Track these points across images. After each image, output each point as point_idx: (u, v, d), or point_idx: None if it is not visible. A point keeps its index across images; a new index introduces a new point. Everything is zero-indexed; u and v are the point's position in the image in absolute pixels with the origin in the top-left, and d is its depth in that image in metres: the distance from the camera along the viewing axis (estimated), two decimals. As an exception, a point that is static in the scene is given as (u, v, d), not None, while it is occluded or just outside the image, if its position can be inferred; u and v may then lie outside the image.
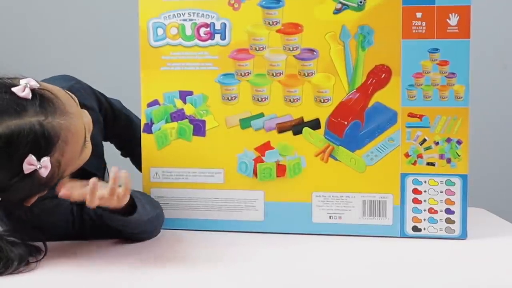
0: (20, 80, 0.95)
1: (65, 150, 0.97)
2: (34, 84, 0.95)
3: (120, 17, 1.72)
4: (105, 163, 1.25)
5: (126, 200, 1.03)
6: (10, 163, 0.92)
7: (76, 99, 1.03)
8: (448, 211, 1.14)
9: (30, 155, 0.93)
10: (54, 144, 0.94)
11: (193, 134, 1.19)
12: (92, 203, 0.98)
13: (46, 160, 0.94)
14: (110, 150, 1.32)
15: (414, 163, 1.14)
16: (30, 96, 0.94)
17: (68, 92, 1.02)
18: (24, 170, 0.93)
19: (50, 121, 0.94)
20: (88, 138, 1.04)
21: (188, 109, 1.19)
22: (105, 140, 1.29)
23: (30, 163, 0.93)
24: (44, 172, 0.94)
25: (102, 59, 1.36)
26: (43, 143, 0.93)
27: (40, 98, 0.94)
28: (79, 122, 1.00)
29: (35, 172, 0.94)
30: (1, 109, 0.92)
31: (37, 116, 0.93)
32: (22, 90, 0.94)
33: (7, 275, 0.93)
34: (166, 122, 1.19)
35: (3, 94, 0.93)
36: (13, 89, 0.93)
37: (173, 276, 0.95)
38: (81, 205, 1.11)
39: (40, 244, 1.02)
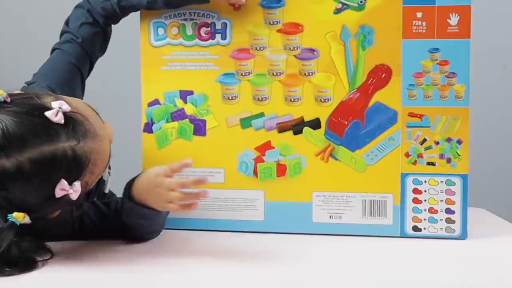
0: (52, 103, 0.94)
1: (94, 171, 0.98)
2: (66, 107, 0.95)
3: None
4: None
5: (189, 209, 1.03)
6: (42, 188, 0.93)
7: (97, 111, 1.04)
8: (448, 211, 1.14)
9: (62, 180, 0.93)
10: (84, 169, 0.95)
11: (194, 134, 1.19)
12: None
13: (77, 184, 0.95)
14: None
15: (415, 163, 1.14)
16: (62, 121, 0.93)
17: (91, 106, 1.03)
18: (56, 195, 0.93)
19: (82, 146, 0.94)
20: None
21: (189, 109, 1.19)
22: None
23: (62, 188, 0.93)
24: (74, 196, 0.95)
25: (103, 58, 1.36)
26: (74, 168, 0.94)
27: (72, 123, 0.94)
28: (106, 142, 1.01)
29: (65, 195, 0.94)
30: (34, 134, 0.92)
31: (69, 142, 0.93)
32: (55, 115, 0.93)
33: (10, 276, 0.93)
34: (167, 121, 1.19)
35: (36, 118, 0.93)
36: (46, 113, 0.93)
37: (173, 276, 0.95)
38: (81, 206, 1.11)
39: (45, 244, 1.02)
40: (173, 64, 1.19)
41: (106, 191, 1.26)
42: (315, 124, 1.16)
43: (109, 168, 1.29)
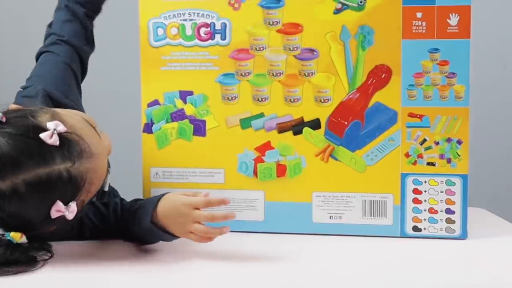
0: (48, 124, 0.94)
1: (90, 190, 0.98)
2: (62, 128, 0.94)
3: (120, 17, 1.72)
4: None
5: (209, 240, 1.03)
6: (38, 209, 0.93)
7: (94, 124, 1.03)
8: (448, 211, 1.14)
9: (58, 201, 0.93)
10: (80, 189, 0.95)
11: (194, 134, 1.19)
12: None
13: (73, 205, 0.94)
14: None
15: (415, 163, 1.14)
16: (57, 143, 0.93)
17: (87, 119, 1.02)
18: (52, 216, 0.93)
19: (77, 167, 0.94)
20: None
21: (189, 109, 1.19)
22: None
23: (57, 210, 0.93)
24: (70, 216, 0.95)
25: (102, 59, 1.36)
26: (70, 189, 0.94)
27: (67, 144, 0.94)
28: (103, 159, 1.00)
29: (62, 216, 0.94)
30: (29, 157, 0.91)
31: (64, 163, 0.93)
32: (50, 137, 0.92)
33: (10, 275, 0.93)
34: (167, 122, 1.19)
35: (31, 140, 0.92)
36: (41, 135, 0.92)
37: (173, 276, 0.95)
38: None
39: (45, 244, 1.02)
40: (173, 64, 1.19)
41: (106, 189, 1.26)
42: (315, 124, 1.16)
43: (109, 165, 1.29)
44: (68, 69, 1.21)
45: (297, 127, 1.16)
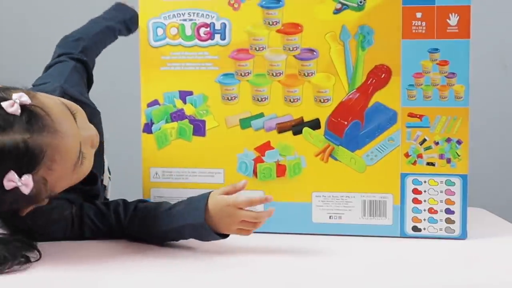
0: (13, 94, 0.93)
1: (52, 168, 0.95)
2: (26, 99, 0.93)
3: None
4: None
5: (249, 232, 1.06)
6: None
7: (80, 115, 1.02)
8: (448, 211, 1.14)
9: (11, 171, 0.91)
10: (38, 163, 0.93)
11: (193, 134, 1.19)
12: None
13: (27, 178, 0.92)
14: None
15: (414, 163, 1.14)
16: (18, 112, 0.92)
17: (69, 106, 1.01)
18: (5, 186, 0.92)
19: (35, 139, 0.92)
20: (89, 155, 1.02)
21: (188, 109, 1.19)
22: None
23: (9, 180, 0.92)
24: (25, 190, 0.93)
25: (102, 59, 1.36)
26: (25, 160, 0.92)
27: (28, 115, 0.93)
28: (71, 141, 0.97)
29: (17, 188, 0.93)
30: None
31: (22, 134, 0.91)
32: (11, 106, 0.92)
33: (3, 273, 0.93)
34: (166, 122, 1.19)
35: None
36: (2, 103, 0.92)
37: (173, 276, 0.95)
38: (81, 206, 1.11)
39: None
40: (173, 64, 1.19)
41: (108, 196, 1.26)
42: (314, 124, 1.16)
43: (109, 173, 1.29)
44: (79, 74, 1.23)
45: (296, 127, 1.16)
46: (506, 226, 1.24)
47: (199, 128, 1.19)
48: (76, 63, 1.26)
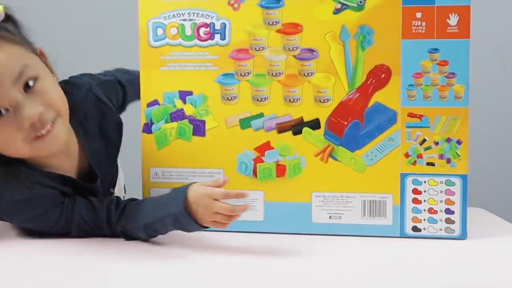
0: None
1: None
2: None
3: (120, 17, 1.72)
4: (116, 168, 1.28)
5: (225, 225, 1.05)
6: None
7: (38, 89, 1.04)
8: (448, 211, 1.14)
9: None
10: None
11: (193, 134, 1.19)
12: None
13: None
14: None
15: (414, 163, 1.14)
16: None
17: (26, 74, 1.04)
18: None
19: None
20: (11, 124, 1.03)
21: (188, 109, 1.19)
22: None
23: None
24: None
25: (102, 59, 1.36)
26: None
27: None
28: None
29: None
30: None
31: None
32: None
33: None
34: (166, 122, 1.19)
35: None
36: None
37: (173, 276, 0.95)
38: (74, 200, 1.11)
39: None
40: (172, 64, 1.18)
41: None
42: (314, 124, 1.16)
43: (125, 191, 1.32)
44: (115, 89, 1.29)
45: (296, 127, 1.16)
46: (506, 226, 1.24)
47: (199, 128, 1.18)
48: (116, 81, 1.30)
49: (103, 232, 1.12)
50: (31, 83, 1.04)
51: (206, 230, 1.07)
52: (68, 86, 1.17)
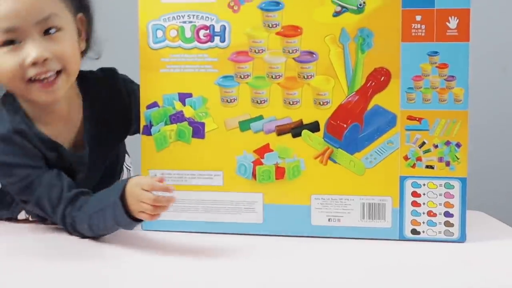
0: None
1: None
2: None
3: (119, 18, 1.72)
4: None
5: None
6: None
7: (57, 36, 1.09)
8: (447, 214, 1.14)
9: None
10: None
11: (192, 136, 1.19)
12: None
13: None
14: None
15: (413, 166, 1.14)
16: None
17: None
18: None
19: None
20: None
21: (188, 111, 1.19)
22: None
23: None
24: None
25: (101, 60, 1.36)
26: None
27: None
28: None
29: None
30: None
31: None
32: None
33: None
34: (165, 124, 1.19)
35: None
36: None
37: (172, 278, 0.95)
38: (45, 175, 1.13)
39: None
40: (172, 66, 1.18)
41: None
42: (314, 127, 1.16)
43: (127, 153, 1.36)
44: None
45: (296, 130, 1.16)
46: (505, 229, 1.24)
47: (198, 130, 1.18)
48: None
49: (54, 219, 1.14)
50: (52, 31, 1.09)
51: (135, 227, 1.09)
52: (106, 73, 1.25)
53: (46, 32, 1.08)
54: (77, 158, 1.19)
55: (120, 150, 1.32)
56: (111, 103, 1.23)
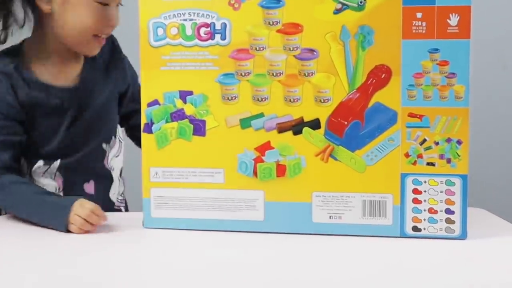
0: None
1: None
2: None
3: (120, 16, 1.72)
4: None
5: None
6: None
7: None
8: (448, 211, 1.14)
9: None
10: None
11: (193, 134, 1.19)
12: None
13: None
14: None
15: (414, 163, 1.14)
16: None
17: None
18: None
19: None
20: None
21: (188, 109, 1.19)
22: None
23: None
24: None
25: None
26: None
27: None
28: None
29: None
30: None
31: None
32: None
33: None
34: (166, 122, 1.19)
35: None
36: None
37: (173, 276, 0.95)
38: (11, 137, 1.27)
39: None
40: (173, 64, 1.18)
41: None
42: (314, 124, 1.16)
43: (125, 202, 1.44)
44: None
45: (297, 127, 1.16)
46: (506, 226, 1.24)
47: (199, 128, 1.18)
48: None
49: None
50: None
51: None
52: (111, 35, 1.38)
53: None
54: (66, 92, 1.30)
55: (111, 105, 1.40)
56: (111, 58, 1.39)
